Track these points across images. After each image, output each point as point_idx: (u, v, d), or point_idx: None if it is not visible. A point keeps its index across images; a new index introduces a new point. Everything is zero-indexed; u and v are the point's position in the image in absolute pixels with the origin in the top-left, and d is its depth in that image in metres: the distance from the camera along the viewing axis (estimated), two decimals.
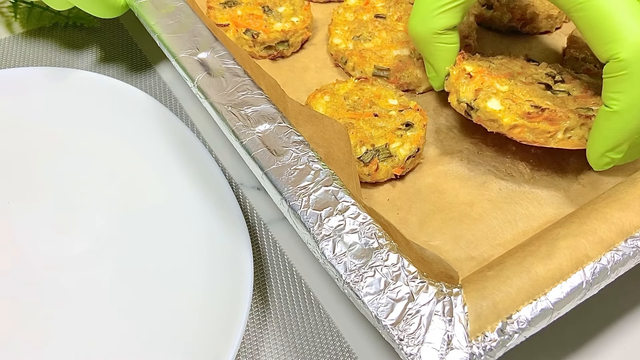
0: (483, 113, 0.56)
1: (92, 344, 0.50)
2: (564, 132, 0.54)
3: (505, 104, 0.55)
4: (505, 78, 0.58)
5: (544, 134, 0.54)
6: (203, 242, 0.55)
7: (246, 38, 0.68)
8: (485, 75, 0.57)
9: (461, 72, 0.58)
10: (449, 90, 0.59)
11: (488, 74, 0.58)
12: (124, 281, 0.54)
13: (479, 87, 0.56)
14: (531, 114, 0.54)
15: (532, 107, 0.54)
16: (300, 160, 0.47)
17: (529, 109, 0.54)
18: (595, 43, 0.49)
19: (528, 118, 0.54)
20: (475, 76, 0.57)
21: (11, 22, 0.77)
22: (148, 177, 0.60)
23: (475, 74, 0.57)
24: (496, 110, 0.55)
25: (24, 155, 0.61)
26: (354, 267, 0.41)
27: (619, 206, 0.47)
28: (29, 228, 0.56)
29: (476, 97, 0.56)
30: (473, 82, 0.57)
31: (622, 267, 0.44)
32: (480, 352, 0.39)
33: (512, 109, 0.54)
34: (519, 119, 0.54)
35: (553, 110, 0.54)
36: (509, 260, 0.43)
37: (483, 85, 0.56)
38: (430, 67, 0.60)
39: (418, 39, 0.58)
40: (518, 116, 0.54)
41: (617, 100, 0.49)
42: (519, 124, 0.54)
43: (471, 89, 0.57)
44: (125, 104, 0.63)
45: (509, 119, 0.54)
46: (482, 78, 0.57)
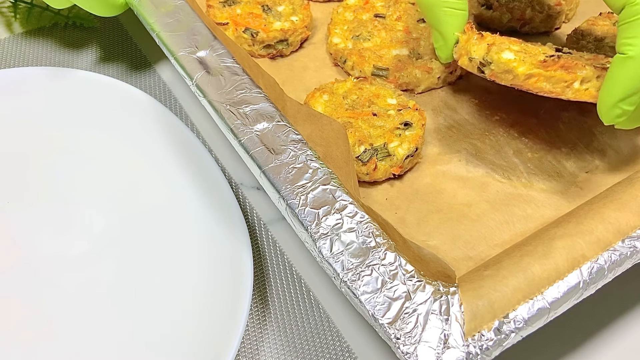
0: (497, 65, 0.55)
1: (92, 344, 0.50)
2: (581, 82, 0.53)
3: (519, 55, 0.54)
4: (516, 42, 0.56)
5: (560, 83, 0.53)
6: (203, 242, 0.55)
7: (245, 37, 0.68)
8: (497, 38, 0.56)
9: (471, 35, 0.57)
10: (458, 55, 0.58)
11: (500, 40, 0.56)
12: (123, 281, 0.54)
13: (492, 43, 0.55)
14: (547, 62, 0.53)
15: (547, 57, 0.53)
16: (298, 159, 0.47)
17: (544, 57, 0.53)
18: None
19: (544, 66, 0.53)
20: (486, 36, 0.56)
21: (11, 22, 0.77)
22: (147, 177, 0.60)
23: (487, 35, 0.56)
24: (511, 59, 0.54)
25: (23, 155, 0.61)
26: (351, 265, 0.41)
27: (615, 206, 0.47)
28: (29, 228, 0.56)
29: (489, 51, 0.55)
30: (484, 40, 0.56)
31: (620, 267, 0.44)
32: (476, 351, 0.39)
33: (527, 60, 0.53)
34: (535, 68, 0.53)
35: (569, 58, 0.53)
36: (505, 259, 0.43)
37: (495, 41, 0.55)
38: (438, 35, 0.59)
39: (426, 3, 0.57)
40: (533, 65, 0.53)
41: (633, 46, 0.48)
42: (534, 73, 0.53)
43: (483, 46, 0.56)
44: (124, 104, 0.63)
45: (524, 68, 0.53)
46: (494, 38, 0.56)
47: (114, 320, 0.52)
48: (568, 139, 0.63)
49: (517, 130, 0.63)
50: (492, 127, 0.64)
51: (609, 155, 0.61)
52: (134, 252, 0.56)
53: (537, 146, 0.62)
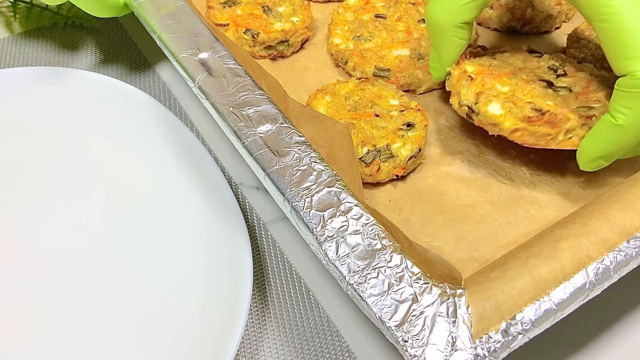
0: (484, 117, 0.56)
1: (91, 343, 0.50)
2: (565, 133, 0.54)
3: (505, 107, 0.55)
4: (507, 77, 0.57)
5: (544, 137, 0.54)
6: (203, 242, 0.55)
7: (246, 38, 0.68)
8: (486, 76, 0.57)
9: (462, 74, 0.58)
10: (450, 90, 0.59)
11: (489, 74, 0.58)
12: (123, 281, 0.54)
13: (480, 90, 0.56)
14: (532, 118, 0.54)
15: (533, 111, 0.54)
16: (302, 161, 0.47)
17: (529, 112, 0.54)
18: (614, 56, 0.49)
19: (529, 122, 0.54)
20: (476, 78, 0.57)
21: (10, 22, 0.77)
22: (147, 176, 0.60)
23: (476, 76, 0.57)
24: (497, 114, 0.55)
25: (22, 155, 0.61)
26: (358, 268, 0.41)
27: (620, 206, 0.47)
28: (28, 228, 0.56)
29: (477, 100, 0.56)
30: (474, 84, 0.57)
31: (625, 267, 0.44)
32: (484, 353, 0.39)
33: (513, 112, 0.54)
34: (520, 122, 0.54)
35: (553, 114, 0.53)
36: (511, 261, 0.43)
37: (484, 88, 0.56)
38: (436, 56, 0.59)
39: (436, 27, 0.56)
40: (519, 120, 0.54)
41: (625, 115, 0.48)
42: (519, 127, 0.54)
43: (472, 91, 0.57)
44: (124, 104, 0.63)
45: (510, 123, 0.54)
46: (483, 80, 0.57)
47: (114, 319, 0.52)
48: None
49: None
50: None
51: None
52: (133, 252, 0.55)
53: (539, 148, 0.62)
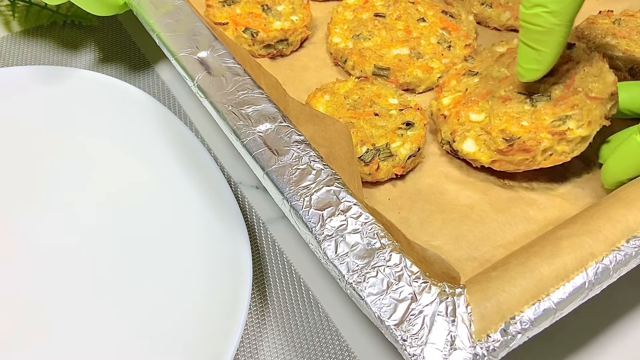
0: (462, 154, 0.58)
1: (91, 343, 0.50)
2: (542, 153, 0.55)
3: (479, 141, 0.57)
4: (483, 101, 0.58)
5: (523, 162, 0.55)
6: (202, 241, 0.55)
7: (245, 37, 0.68)
8: (460, 109, 0.59)
9: (438, 112, 0.61)
10: (434, 123, 0.62)
11: (464, 104, 0.59)
12: (123, 281, 0.54)
13: (454, 129, 0.58)
14: (504, 150, 0.55)
15: (504, 141, 0.55)
16: (301, 160, 0.47)
17: (500, 144, 0.55)
18: None
19: (502, 153, 0.55)
20: (449, 115, 0.59)
21: (9, 21, 0.76)
22: (146, 176, 0.60)
23: (450, 111, 0.59)
24: (472, 152, 0.57)
25: (22, 154, 0.61)
26: (357, 267, 0.41)
27: (622, 205, 0.46)
28: (28, 228, 0.56)
29: (454, 138, 0.58)
30: (448, 122, 0.59)
31: (625, 267, 0.44)
32: (483, 353, 0.39)
33: (488, 144, 0.56)
34: (496, 155, 0.56)
35: (523, 141, 0.54)
36: (513, 260, 0.43)
37: (458, 124, 0.58)
38: (536, 58, 0.54)
39: (547, 27, 0.51)
40: (493, 153, 0.56)
41: None
42: (496, 159, 0.56)
43: (448, 129, 0.59)
44: (123, 103, 0.63)
45: (485, 157, 0.56)
46: (458, 114, 0.58)
47: (113, 319, 0.52)
48: None
49: None
50: None
51: None
52: (132, 252, 0.55)
53: None
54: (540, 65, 0.54)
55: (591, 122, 0.53)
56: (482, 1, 0.74)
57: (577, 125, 0.53)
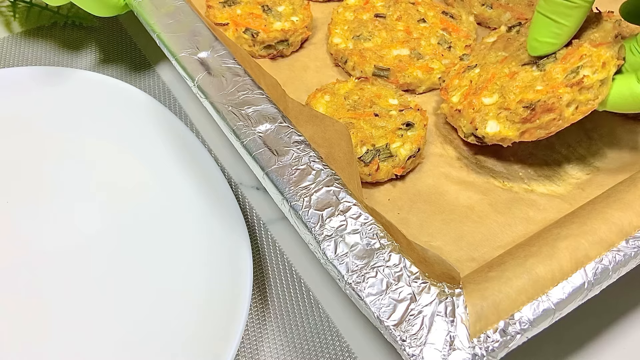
0: (489, 138, 0.56)
1: (91, 343, 0.50)
2: (567, 107, 0.53)
3: (501, 119, 0.55)
4: (490, 84, 0.58)
5: (552, 123, 0.54)
6: (202, 242, 0.55)
7: (246, 37, 0.68)
8: (472, 98, 0.58)
9: (451, 109, 0.60)
10: (451, 123, 0.61)
11: (473, 93, 0.58)
12: (123, 281, 0.54)
13: (472, 117, 0.57)
14: (528, 117, 0.54)
15: (525, 109, 0.54)
16: (301, 160, 0.47)
17: (522, 112, 0.54)
18: None
19: (528, 121, 0.54)
20: (463, 108, 0.58)
21: (10, 22, 0.76)
22: (147, 176, 0.60)
23: (462, 105, 0.58)
24: (497, 131, 0.55)
25: (23, 155, 0.61)
26: (356, 267, 0.41)
27: (619, 206, 0.47)
28: (28, 228, 0.56)
29: (475, 127, 0.57)
30: (464, 115, 0.58)
31: (624, 267, 0.44)
32: (482, 353, 0.39)
33: (510, 119, 0.55)
34: (521, 125, 0.54)
35: (543, 102, 0.53)
36: (509, 260, 0.43)
37: (474, 112, 0.57)
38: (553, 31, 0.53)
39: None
40: (519, 124, 0.54)
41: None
42: (524, 129, 0.55)
43: (467, 121, 0.58)
44: (124, 104, 0.63)
45: (512, 132, 0.55)
46: (471, 104, 0.58)
47: (114, 319, 0.52)
48: (567, 143, 0.63)
49: None
50: None
51: (609, 157, 0.61)
52: (132, 252, 0.55)
53: (537, 151, 0.62)
54: (557, 39, 0.54)
55: (605, 64, 0.52)
56: (483, 2, 0.74)
57: (592, 71, 0.52)
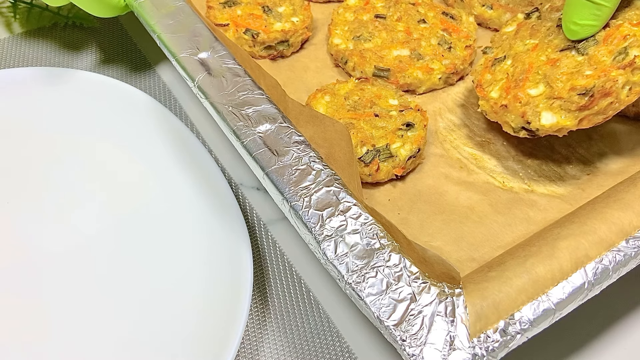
0: (545, 131, 0.54)
1: (91, 343, 0.50)
2: (623, 88, 0.52)
3: (555, 109, 0.53)
4: (532, 75, 0.56)
5: (610, 107, 0.52)
6: (203, 242, 0.55)
7: (246, 38, 0.68)
8: (516, 92, 0.56)
9: (494, 105, 0.57)
10: (493, 119, 0.58)
11: (515, 87, 0.56)
12: (123, 282, 0.54)
13: (522, 111, 0.55)
14: (586, 104, 0.52)
15: (580, 97, 0.52)
16: (301, 160, 0.47)
17: (579, 100, 0.52)
18: None
19: (586, 108, 0.52)
20: (509, 102, 0.56)
21: (10, 22, 0.77)
22: (147, 177, 0.60)
23: (508, 100, 0.56)
24: (554, 122, 0.53)
25: (22, 155, 0.61)
26: (356, 267, 0.41)
27: (618, 206, 0.47)
28: (28, 228, 0.56)
29: (527, 120, 0.54)
30: (511, 110, 0.56)
31: (624, 267, 0.44)
32: (482, 353, 0.39)
33: (565, 108, 0.53)
34: (578, 112, 0.53)
35: (600, 87, 0.51)
36: (509, 260, 0.43)
37: (522, 105, 0.55)
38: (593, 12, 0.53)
39: None
40: (576, 112, 0.53)
41: None
42: (581, 117, 0.53)
43: (516, 116, 0.55)
44: (124, 104, 0.63)
45: (570, 121, 0.53)
46: (516, 97, 0.55)
47: (113, 320, 0.52)
48: (568, 144, 0.63)
49: (517, 138, 0.63)
50: (492, 134, 0.64)
51: (610, 157, 0.61)
52: (132, 252, 0.55)
53: (537, 152, 0.62)
54: (597, 21, 0.54)
55: None
56: (483, 2, 0.74)
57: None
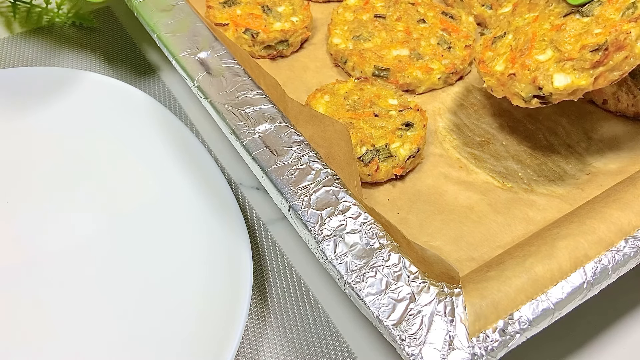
0: (559, 94, 0.51)
1: (90, 343, 0.50)
2: (637, 42, 0.49)
3: (568, 70, 0.51)
4: (538, 42, 0.54)
5: (625, 62, 0.50)
6: (202, 242, 0.55)
7: (246, 38, 0.68)
8: (523, 60, 0.53)
9: (501, 77, 0.55)
10: (501, 95, 0.56)
11: (521, 54, 0.54)
12: (123, 281, 0.54)
13: (533, 77, 0.52)
14: (600, 60, 0.50)
15: (594, 53, 0.50)
16: (301, 160, 0.47)
17: (592, 56, 0.50)
18: None
19: (600, 64, 0.50)
20: (517, 71, 0.53)
21: (10, 22, 0.77)
22: (147, 176, 0.60)
23: (515, 68, 0.53)
24: (568, 83, 0.51)
25: (22, 155, 0.61)
26: (355, 267, 0.41)
27: (618, 206, 0.47)
28: (28, 228, 0.56)
29: (538, 86, 0.52)
30: (520, 79, 0.53)
31: (623, 267, 0.44)
32: (482, 352, 0.39)
33: (578, 68, 0.51)
34: (592, 70, 0.50)
35: (614, 40, 0.49)
36: (508, 260, 0.43)
37: (532, 72, 0.52)
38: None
39: None
40: (590, 70, 0.50)
41: None
42: (597, 74, 0.50)
43: (526, 84, 0.52)
44: (124, 104, 0.63)
45: (585, 79, 0.50)
46: (524, 65, 0.53)
47: (113, 320, 0.52)
48: (567, 144, 0.63)
49: (517, 138, 0.63)
50: (492, 134, 0.64)
51: (609, 157, 0.61)
52: (132, 252, 0.55)
53: (536, 152, 0.62)
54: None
55: None
56: (483, 2, 0.74)
57: None
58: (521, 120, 0.65)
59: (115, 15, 0.78)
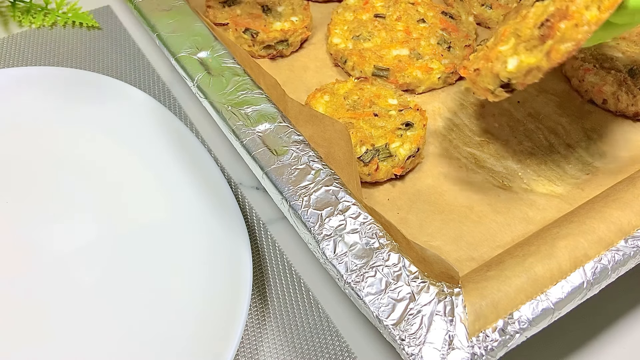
0: (517, 76, 0.49)
1: (90, 343, 0.50)
2: (587, 9, 0.46)
3: (519, 52, 0.49)
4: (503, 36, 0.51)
5: (575, 30, 0.47)
6: (202, 242, 0.55)
7: (245, 37, 0.68)
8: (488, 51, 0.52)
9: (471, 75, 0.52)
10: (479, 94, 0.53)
11: (489, 48, 0.52)
12: (122, 281, 0.54)
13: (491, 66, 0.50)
14: (544, 34, 0.47)
15: (539, 28, 0.48)
16: (300, 160, 0.47)
17: (538, 32, 0.48)
18: None
19: (548, 37, 0.47)
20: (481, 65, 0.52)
21: (9, 22, 0.76)
22: (147, 176, 0.60)
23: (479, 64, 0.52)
24: (520, 62, 0.48)
25: (21, 155, 0.61)
26: (355, 267, 0.41)
27: (617, 206, 0.47)
28: (28, 229, 0.56)
29: (497, 74, 0.50)
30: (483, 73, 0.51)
31: (623, 266, 0.44)
32: (481, 352, 0.39)
33: (528, 47, 0.48)
34: (541, 45, 0.48)
35: (554, 12, 0.47)
36: (508, 260, 0.43)
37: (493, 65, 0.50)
38: None
39: None
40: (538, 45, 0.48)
41: None
42: (548, 50, 0.47)
43: (488, 76, 0.51)
44: (124, 104, 0.63)
45: (535, 56, 0.48)
46: (487, 57, 0.51)
47: (113, 320, 0.52)
48: (567, 144, 0.63)
49: (517, 138, 0.63)
50: (492, 134, 0.64)
51: (609, 157, 0.62)
52: (132, 252, 0.55)
53: (536, 152, 0.62)
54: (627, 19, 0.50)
55: None
56: (482, 2, 0.74)
57: None
58: (521, 120, 0.65)
59: (115, 15, 0.78)
